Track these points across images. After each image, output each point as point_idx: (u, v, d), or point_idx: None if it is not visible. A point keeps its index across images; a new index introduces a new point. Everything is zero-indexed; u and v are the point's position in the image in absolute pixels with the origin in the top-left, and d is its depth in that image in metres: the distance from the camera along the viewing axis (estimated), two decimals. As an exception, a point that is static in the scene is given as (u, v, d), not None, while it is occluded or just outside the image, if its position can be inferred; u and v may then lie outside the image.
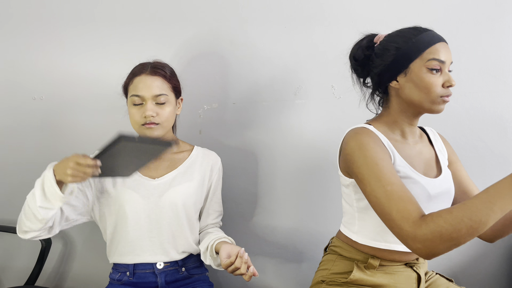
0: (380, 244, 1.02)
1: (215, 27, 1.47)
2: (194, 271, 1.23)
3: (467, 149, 1.43)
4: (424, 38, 0.98)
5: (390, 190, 0.87)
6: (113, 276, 1.20)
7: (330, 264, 1.10)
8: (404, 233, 0.83)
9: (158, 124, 1.14)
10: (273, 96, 1.47)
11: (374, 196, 0.89)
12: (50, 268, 1.55)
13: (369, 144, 0.94)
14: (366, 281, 1.03)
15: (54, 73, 1.51)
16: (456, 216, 0.79)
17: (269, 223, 1.51)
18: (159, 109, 1.14)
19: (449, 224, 0.79)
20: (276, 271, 1.52)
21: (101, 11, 1.49)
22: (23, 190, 1.52)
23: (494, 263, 1.47)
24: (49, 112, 1.51)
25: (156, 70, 1.16)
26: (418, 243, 0.81)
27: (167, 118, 1.15)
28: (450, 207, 0.81)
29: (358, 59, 1.09)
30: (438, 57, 0.96)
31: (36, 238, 1.07)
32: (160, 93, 1.14)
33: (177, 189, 1.17)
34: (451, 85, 0.97)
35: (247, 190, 1.50)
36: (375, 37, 1.08)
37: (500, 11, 1.40)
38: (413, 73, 0.98)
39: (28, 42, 1.51)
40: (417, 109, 1.01)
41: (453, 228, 0.78)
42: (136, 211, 1.14)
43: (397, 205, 0.85)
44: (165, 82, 1.17)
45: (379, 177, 0.89)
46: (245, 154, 1.49)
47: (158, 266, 1.17)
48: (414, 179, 0.98)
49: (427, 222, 0.81)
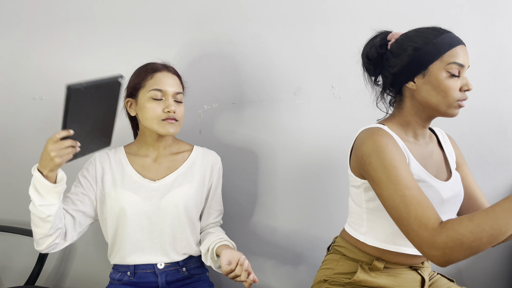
0: (389, 246, 1.00)
1: (216, 27, 1.47)
2: (195, 271, 1.23)
3: (467, 149, 1.43)
4: (445, 39, 0.95)
5: (409, 195, 0.85)
6: (114, 276, 1.20)
7: (333, 263, 1.09)
8: (423, 240, 0.81)
9: (177, 121, 1.16)
10: (273, 96, 1.47)
11: (392, 201, 0.86)
12: (50, 268, 1.55)
13: (387, 146, 0.91)
14: (370, 283, 1.02)
15: (54, 73, 1.51)
16: (478, 224, 0.77)
17: (268, 223, 1.51)
18: (177, 106, 1.16)
19: (470, 232, 0.77)
20: (276, 271, 1.52)
21: (101, 11, 1.49)
22: (23, 190, 1.53)
23: (494, 263, 1.47)
24: (49, 112, 1.51)
25: (174, 70, 1.20)
26: (435, 251, 0.79)
27: (182, 116, 1.18)
28: (470, 215, 0.79)
29: (372, 57, 1.05)
30: (458, 61, 0.94)
31: (54, 248, 1.06)
32: (179, 91, 1.18)
33: (178, 190, 1.17)
34: (469, 89, 0.96)
35: (247, 190, 1.50)
36: (388, 35, 1.05)
37: (500, 11, 1.40)
38: (432, 75, 0.96)
39: (28, 42, 1.51)
40: (432, 112, 0.99)
41: (475, 237, 0.76)
42: (137, 214, 1.14)
43: (415, 211, 0.83)
44: (180, 82, 1.21)
45: (398, 182, 0.86)
46: (245, 154, 1.49)
47: (159, 266, 1.17)
48: (428, 182, 0.96)
49: (447, 229, 0.79)
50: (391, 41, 1.04)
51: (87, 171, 1.17)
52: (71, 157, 0.94)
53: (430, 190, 0.96)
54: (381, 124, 1.02)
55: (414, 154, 1.00)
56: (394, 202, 0.86)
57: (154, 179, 1.19)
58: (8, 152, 1.53)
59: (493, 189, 1.45)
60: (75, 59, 1.50)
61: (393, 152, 0.90)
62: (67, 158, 0.93)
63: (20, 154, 1.53)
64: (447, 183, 1.01)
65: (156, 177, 1.19)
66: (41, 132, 1.52)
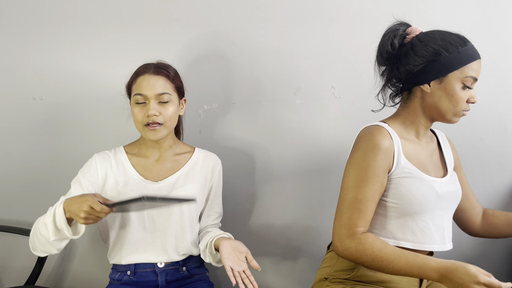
0: (388, 240, 1.02)
1: (216, 27, 1.47)
2: (194, 271, 1.23)
3: (467, 149, 1.43)
4: (469, 51, 0.98)
5: (359, 199, 0.95)
6: (113, 276, 1.20)
7: (333, 261, 1.10)
8: (340, 234, 0.96)
9: (161, 124, 1.14)
10: (273, 96, 1.47)
11: (346, 194, 0.98)
12: (50, 268, 1.55)
13: (373, 150, 0.97)
14: (370, 277, 1.04)
15: (54, 73, 1.50)
16: (381, 256, 0.91)
17: (268, 223, 1.51)
18: (162, 108, 1.14)
19: (371, 257, 0.92)
20: (276, 270, 1.52)
21: (101, 11, 1.49)
22: (23, 190, 1.53)
23: (494, 264, 1.47)
24: (49, 112, 1.51)
25: (159, 70, 1.16)
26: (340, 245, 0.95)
27: (170, 117, 1.15)
28: (385, 244, 0.93)
29: (395, 48, 1.03)
30: (475, 75, 0.98)
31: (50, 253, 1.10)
32: (163, 91, 1.14)
33: (181, 191, 1.17)
34: (474, 102, 1.00)
35: (247, 190, 1.50)
36: (408, 28, 1.04)
37: (500, 11, 1.40)
38: (448, 83, 0.97)
39: (28, 42, 1.50)
40: (438, 117, 1.02)
41: (371, 261, 0.92)
42: (140, 214, 1.14)
43: (353, 213, 0.95)
44: (168, 82, 1.17)
45: (359, 184, 0.96)
46: (245, 154, 1.49)
47: (159, 265, 1.17)
48: (421, 178, 1.00)
49: (361, 242, 0.93)
50: (411, 36, 1.03)
51: (88, 172, 1.16)
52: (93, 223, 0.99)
53: (423, 185, 0.99)
54: (383, 123, 1.03)
55: (409, 152, 1.03)
56: (346, 196, 0.98)
57: (156, 180, 1.19)
58: (8, 152, 1.53)
59: (493, 189, 1.45)
60: (75, 59, 1.50)
61: (375, 158, 0.96)
62: (90, 223, 0.97)
63: (20, 154, 1.52)
64: (442, 179, 1.04)
65: (158, 178, 1.19)
66: (41, 132, 1.52)
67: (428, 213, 1.00)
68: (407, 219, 1.00)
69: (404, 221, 1.00)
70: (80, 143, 1.50)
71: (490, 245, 1.47)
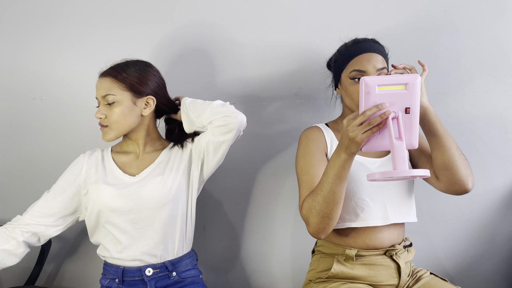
0: (339, 225, 1.11)
1: (215, 27, 1.47)
2: (186, 275, 1.19)
3: (467, 149, 1.43)
4: (350, 50, 1.13)
5: (304, 180, 1.10)
6: (103, 282, 1.18)
7: (315, 263, 1.18)
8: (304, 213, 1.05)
9: (107, 126, 1.14)
10: (273, 96, 1.47)
11: (299, 179, 1.13)
12: (50, 268, 1.55)
13: (306, 138, 1.16)
14: (346, 274, 1.09)
15: (54, 73, 1.51)
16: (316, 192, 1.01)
17: (268, 223, 1.51)
18: (108, 110, 1.14)
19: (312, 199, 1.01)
20: (276, 270, 1.52)
21: (101, 11, 1.49)
22: (23, 190, 1.53)
23: (494, 263, 1.47)
24: (49, 112, 1.51)
25: (107, 71, 1.17)
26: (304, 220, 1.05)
27: (116, 119, 1.13)
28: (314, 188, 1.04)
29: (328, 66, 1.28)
30: (358, 68, 1.09)
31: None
32: (106, 93, 1.13)
33: (154, 182, 1.15)
34: None
35: (246, 190, 1.50)
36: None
37: (500, 11, 1.40)
38: (343, 82, 1.14)
39: (28, 42, 1.50)
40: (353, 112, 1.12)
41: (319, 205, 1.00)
42: (120, 208, 1.12)
43: (303, 191, 1.09)
44: (115, 82, 1.13)
45: (307, 169, 1.11)
46: (245, 154, 1.49)
47: (147, 273, 1.13)
48: (357, 161, 1.12)
49: (304, 203, 1.04)
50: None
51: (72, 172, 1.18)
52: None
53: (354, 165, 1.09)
54: (322, 123, 1.23)
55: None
56: (300, 181, 1.12)
57: (134, 174, 1.18)
58: (8, 152, 1.53)
59: (493, 189, 1.45)
60: (75, 59, 1.50)
61: (311, 145, 1.14)
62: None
63: (20, 154, 1.52)
64: (381, 159, 1.14)
65: (136, 173, 1.18)
66: (41, 132, 1.52)
67: (364, 191, 1.09)
68: (347, 200, 1.10)
69: (346, 203, 1.10)
70: (80, 143, 1.50)
71: (490, 245, 1.47)
